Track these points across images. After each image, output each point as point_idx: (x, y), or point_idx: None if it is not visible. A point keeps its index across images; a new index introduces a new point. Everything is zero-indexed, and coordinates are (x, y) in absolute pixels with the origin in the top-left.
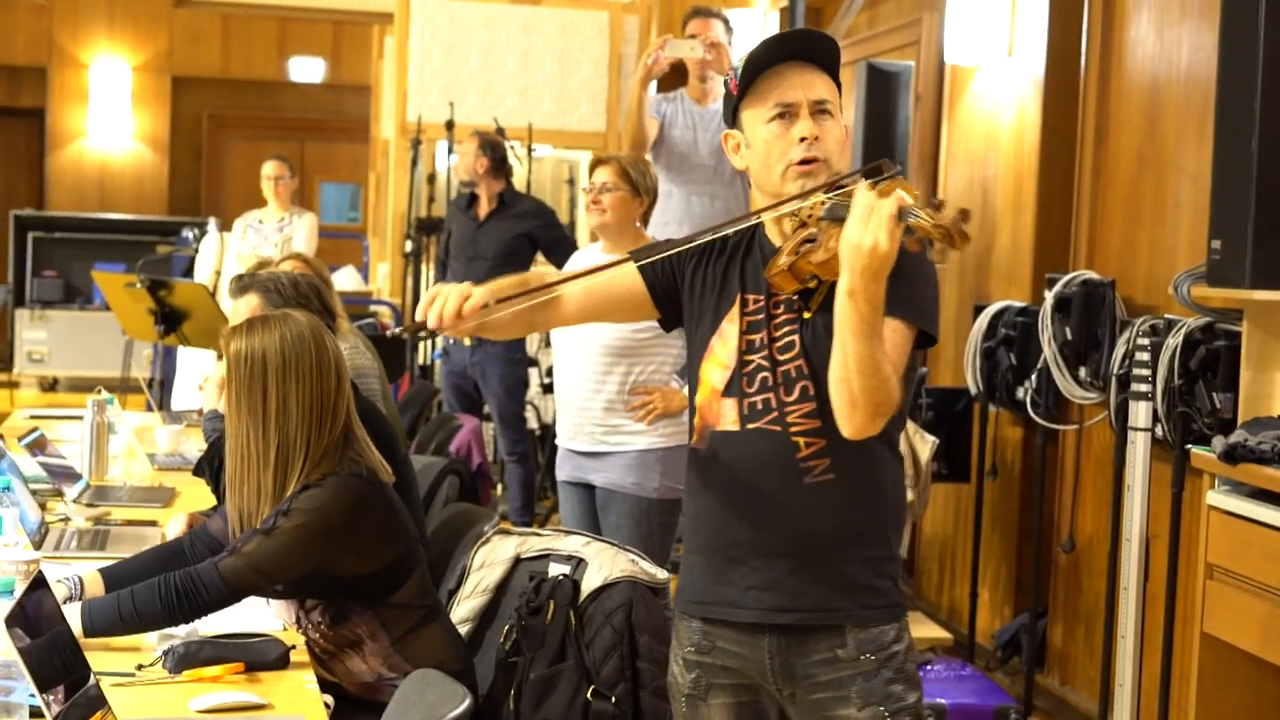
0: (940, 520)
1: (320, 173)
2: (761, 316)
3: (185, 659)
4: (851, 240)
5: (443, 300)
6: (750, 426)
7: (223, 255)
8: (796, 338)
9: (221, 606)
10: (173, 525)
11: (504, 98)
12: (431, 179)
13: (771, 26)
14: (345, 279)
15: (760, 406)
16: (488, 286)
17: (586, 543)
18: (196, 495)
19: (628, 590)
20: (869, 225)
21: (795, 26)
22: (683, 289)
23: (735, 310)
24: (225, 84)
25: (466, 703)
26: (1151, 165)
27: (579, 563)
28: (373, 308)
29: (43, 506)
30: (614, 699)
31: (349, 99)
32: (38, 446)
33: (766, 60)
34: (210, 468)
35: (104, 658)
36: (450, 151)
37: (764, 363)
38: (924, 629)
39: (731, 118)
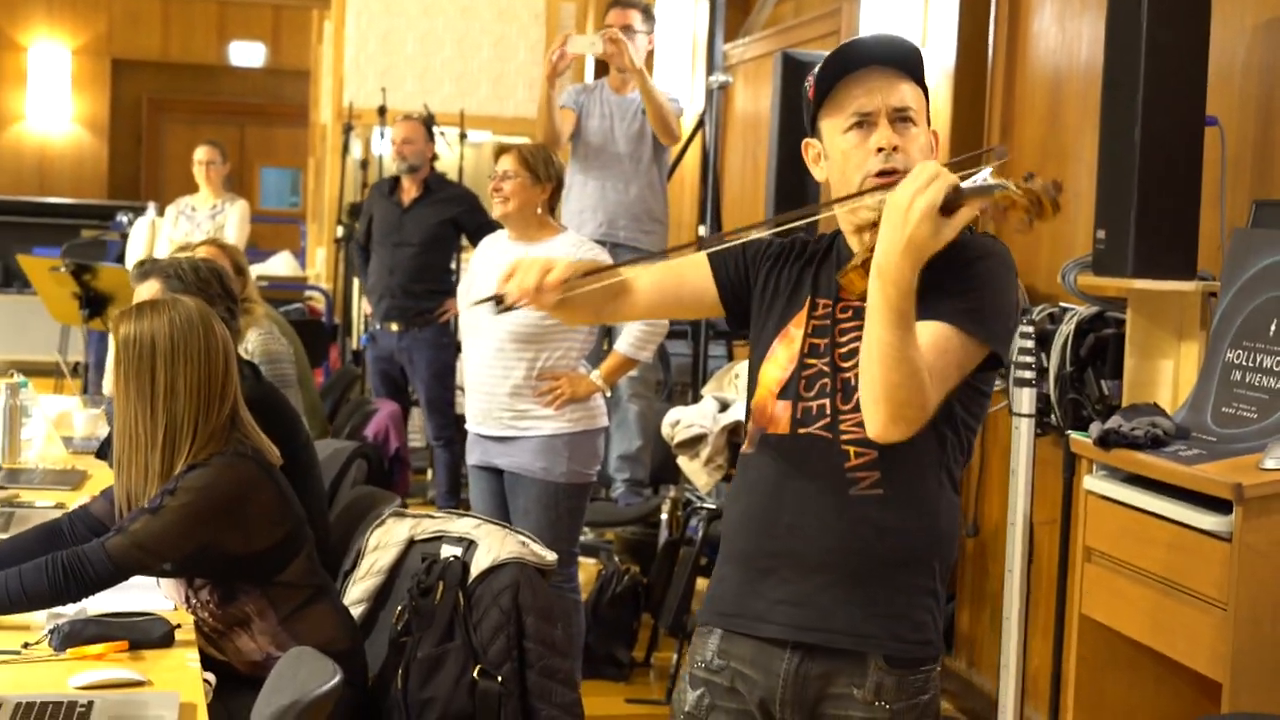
0: None
1: (261, 157)
2: (828, 322)
3: (70, 637)
4: (896, 199)
5: (523, 273)
6: (801, 431)
7: (154, 241)
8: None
9: (108, 585)
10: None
11: (440, 83)
12: (365, 164)
13: (701, 14)
14: (280, 264)
15: (815, 412)
16: (568, 263)
17: (477, 525)
18: (107, 478)
19: (516, 571)
20: (925, 186)
21: (717, 14)
22: (753, 291)
23: (803, 314)
24: (165, 67)
25: (336, 679)
26: (1053, 156)
27: (470, 544)
28: (306, 293)
29: None
30: (500, 678)
31: (289, 84)
32: None
33: (843, 67)
34: (112, 451)
35: None
36: (383, 137)
37: (825, 368)
38: None
39: (810, 126)
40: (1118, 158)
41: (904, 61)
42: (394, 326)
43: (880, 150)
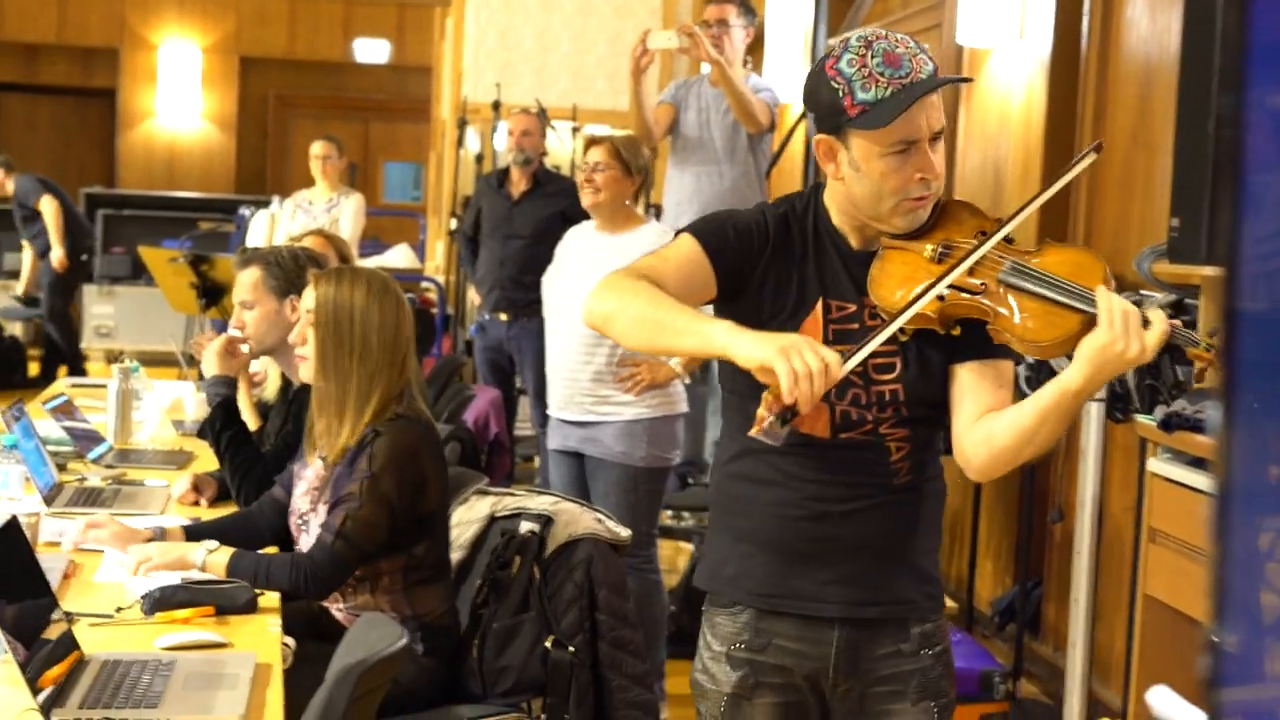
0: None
1: (385, 152)
2: (855, 327)
3: (160, 602)
4: (1108, 346)
5: (809, 383)
6: (843, 436)
7: (273, 233)
8: (898, 360)
9: (339, 585)
10: (178, 486)
11: (557, 78)
12: (480, 159)
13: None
14: (398, 256)
15: (855, 418)
16: (841, 352)
17: (555, 502)
18: (211, 460)
19: (590, 547)
20: (1129, 332)
21: (821, 8)
22: (752, 280)
23: (817, 314)
24: (291, 65)
25: (402, 642)
26: (1143, 144)
27: (547, 520)
28: (421, 284)
29: (62, 467)
30: (572, 648)
31: (412, 80)
32: (63, 411)
33: (906, 104)
34: (212, 431)
35: (85, 602)
36: (494, 131)
37: (855, 379)
38: None
39: (832, 127)
40: (1192, 147)
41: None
42: (503, 317)
43: (921, 177)
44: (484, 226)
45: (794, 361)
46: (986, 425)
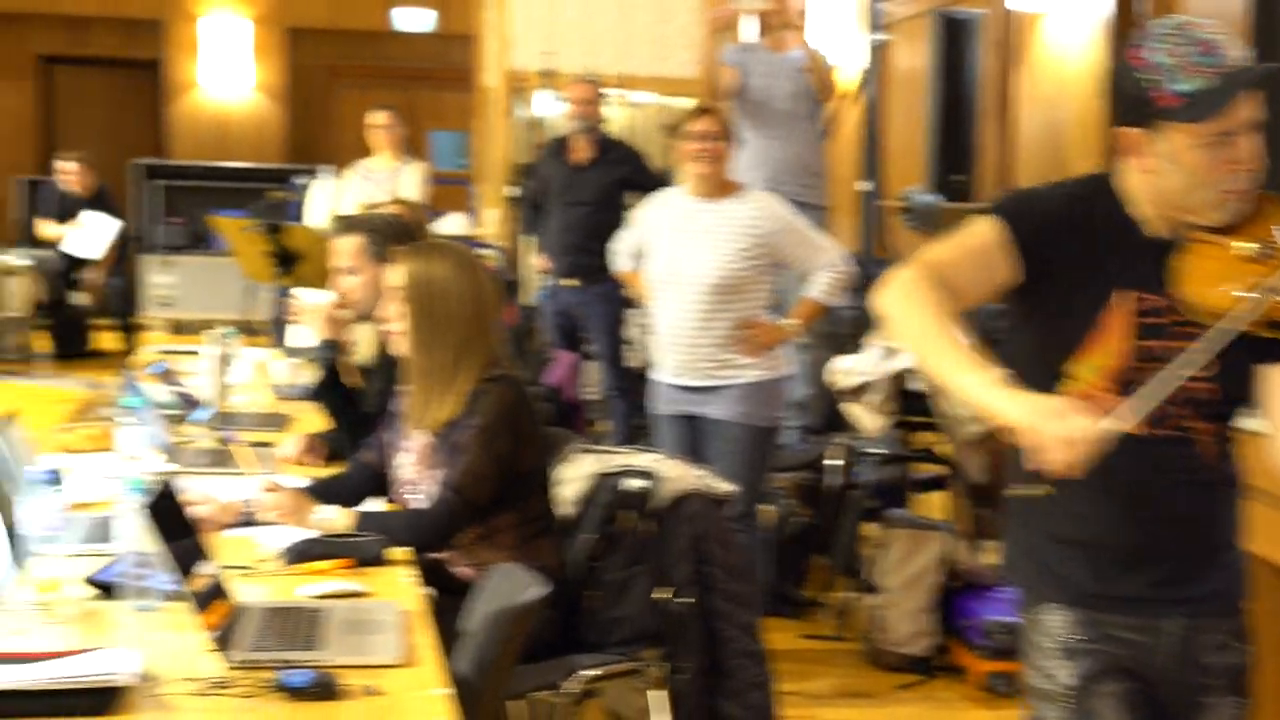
0: None
1: (429, 121)
2: (1165, 320)
3: (301, 554)
4: None
5: (1072, 450)
6: (1159, 433)
7: (338, 201)
8: (1217, 361)
9: (454, 536)
10: (286, 446)
11: (602, 46)
12: (531, 126)
13: None
14: (454, 224)
15: (1168, 414)
16: (1124, 408)
17: (659, 459)
18: (308, 422)
19: (698, 502)
20: None
21: None
22: (1055, 268)
23: (1125, 307)
24: (336, 34)
25: (540, 591)
26: None
27: (652, 477)
28: (480, 251)
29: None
30: (684, 600)
31: (456, 48)
32: (164, 377)
33: (1231, 95)
34: (329, 394)
35: (228, 554)
36: (547, 100)
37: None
38: None
39: (1140, 118)
40: None
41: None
42: (571, 282)
43: (1241, 168)
44: (549, 193)
45: (1045, 433)
46: None
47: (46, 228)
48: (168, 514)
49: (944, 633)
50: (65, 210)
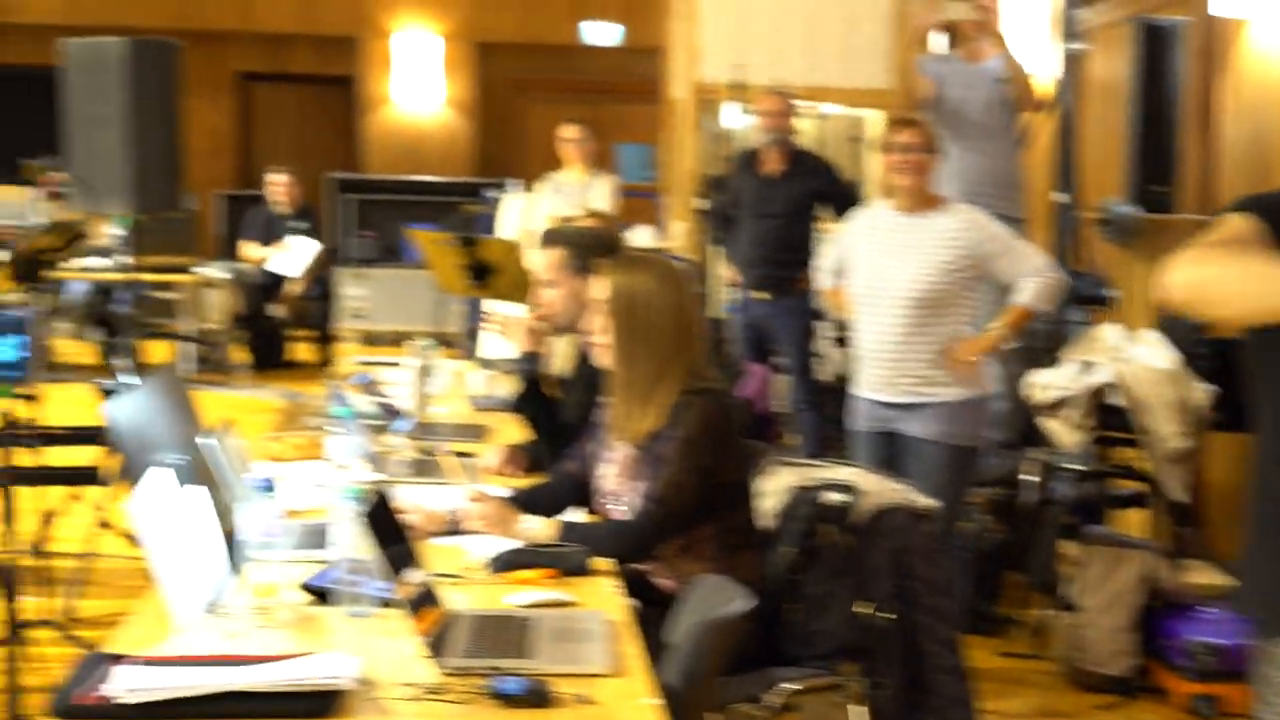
0: (1224, 469)
1: (616, 133)
2: None
3: (509, 563)
4: None
5: None
6: None
7: (531, 214)
8: None
9: (656, 548)
10: (488, 456)
11: (790, 57)
12: (722, 138)
13: None
14: (642, 237)
15: None
16: None
17: (859, 473)
18: (506, 432)
19: (901, 516)
20: None
21: None
22: None
23: None
24: (525, 49)
25: (745, 604)
26: None
27: (853, 491)
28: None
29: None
30: (886, 614)
31: (643, 61)
32: (367, 388)
33: None
34: (531, 405)
35: (437, 562)
36: (737, 112)
37: None
38: (1209, 577)
39: None
40: None
41: None
42: (762, 295)
43: None
44: (740, 205)
45: None
46: None
47: (251, 250)
48: (382, 522)
49: (1145, 653)
50: (271, 231)
